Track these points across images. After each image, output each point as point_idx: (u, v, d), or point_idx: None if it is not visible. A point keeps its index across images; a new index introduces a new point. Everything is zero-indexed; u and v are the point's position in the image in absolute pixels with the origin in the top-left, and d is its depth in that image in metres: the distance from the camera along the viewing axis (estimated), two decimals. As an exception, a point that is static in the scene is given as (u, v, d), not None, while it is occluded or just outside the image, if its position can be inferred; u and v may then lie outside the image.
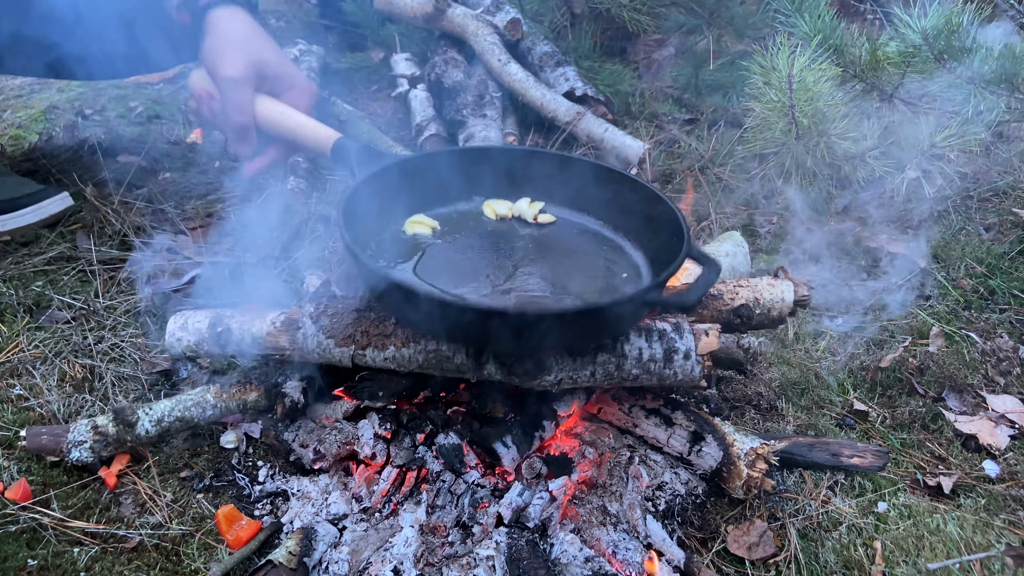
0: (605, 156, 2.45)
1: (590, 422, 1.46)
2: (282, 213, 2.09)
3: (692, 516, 1.35)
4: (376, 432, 1.36)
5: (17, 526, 1.23)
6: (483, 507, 1.27)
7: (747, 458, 1.33)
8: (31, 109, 2.79)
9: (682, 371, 1.30)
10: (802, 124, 1.69)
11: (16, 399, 1.47)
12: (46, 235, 1.97)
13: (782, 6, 1.99)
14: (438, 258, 1.38)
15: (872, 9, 2.80)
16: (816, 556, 1.28)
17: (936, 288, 1.98)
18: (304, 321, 1.31)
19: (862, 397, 1.64)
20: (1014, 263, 2.04)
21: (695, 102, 2.82)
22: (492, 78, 2.69)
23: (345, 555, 1.20)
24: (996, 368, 1.70)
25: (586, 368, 1.28)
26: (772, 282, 1.44)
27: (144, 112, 2.82)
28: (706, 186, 2.36)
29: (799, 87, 1.65)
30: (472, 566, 1.19)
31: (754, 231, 2.23)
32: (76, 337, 1.62)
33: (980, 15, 1.75)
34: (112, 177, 2.20)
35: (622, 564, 1.20)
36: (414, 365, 1.29)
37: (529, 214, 1.50)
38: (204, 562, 1.22)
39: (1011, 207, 2.24)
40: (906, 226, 2.23)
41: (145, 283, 1.80)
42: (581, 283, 1.35)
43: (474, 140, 2.35)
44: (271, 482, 1.38)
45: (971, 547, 1.29)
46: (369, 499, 1.30)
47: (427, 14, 2.84)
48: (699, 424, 1.39)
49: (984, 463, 1.48)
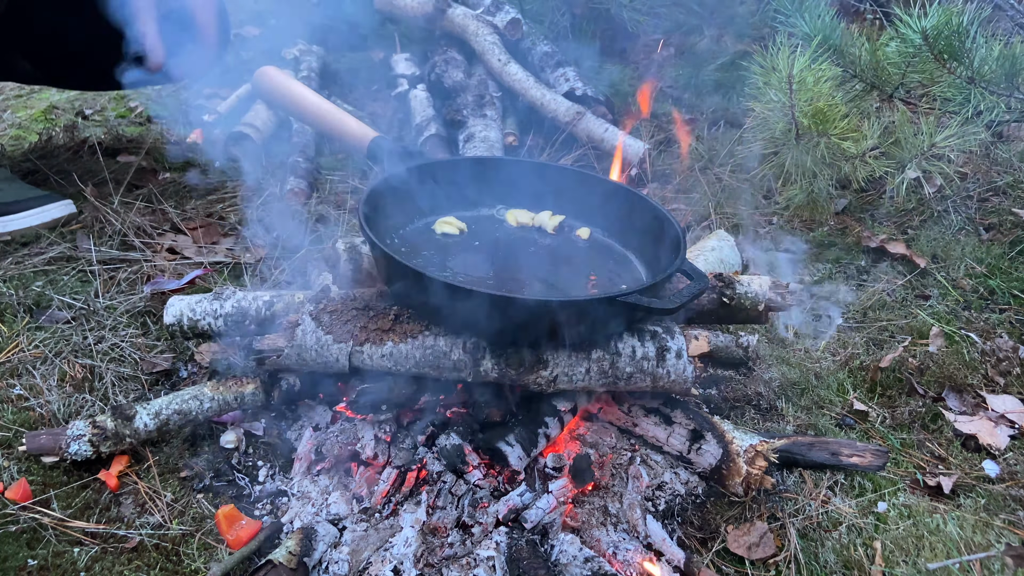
0: (605, 156, 2.45)
1: (590, 422, 1.46)
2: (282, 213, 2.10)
3: (692, 516, 1.35)
4: (376, 435, 1.36)
5: (17, 526, 1.23)
6: (483, 507, 1.28)
7: (746, 455, 1.33)
8: (31, 109, 2.79)
9: (675, 370, 1.31)
10: (802, 124, 1.69)
11: (16, 399, 1.47)
12: (46, 235, 1.97)
13: (782, 6, 1.99)
14: (451, 254, 1.44)
15: (872, 9, 2.80)
16: (816, 556, 1.28)
17: (936, 288, 1.98)
18: (304, 319, 1.32)
19: (862, 397, 1.64)
20: (1014, 263, 2.04)
21: (695, 102, 2.82)
22: (492, 78, 2.69)
23: (345, 555, 1.20)
24: (996, 368, 1.70)
25: (581, 365, 1.29)
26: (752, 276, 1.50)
27: (144, 112, 2.82)
28: (706, 186, 2.36)
29: (799, 87, 1.66)
30: (472, 566, 1.19)
31: (753, 231, 2.24)
32: (76, 337, 1.62)
33: (980, 15, 1.75)
34: (112, 177, 2.20)
35: (622, 564, 1.21)
36: (411, 363, 1.29)
37: (549, 225, 1.56)
38: (204, 562, 1.22)
39: (1011, 207, 2.24)
40: (906, 226, 2.23)
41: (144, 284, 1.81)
42: (580, 288, 1.39)
43: (474, 140, 2.35)
44: (271, 482, 1.38)
45: (971, 547, 1.29)
46: (369, 499, 1.31)
47: (427, 14, 2.85)
48: (698, 422, 1.39)
49: (984, 463, 1.48)
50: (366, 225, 1.27)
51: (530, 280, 1.39)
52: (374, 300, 1.35)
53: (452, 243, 1.47)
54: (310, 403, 1.49)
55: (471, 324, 1.25)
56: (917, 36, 1.78)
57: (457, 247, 1.46)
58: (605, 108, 2.57)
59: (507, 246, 1.49)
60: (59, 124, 2.62)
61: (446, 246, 1.46)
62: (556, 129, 2.53)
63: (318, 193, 2.29)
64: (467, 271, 1.38)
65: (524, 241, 1.51)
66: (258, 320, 1.47)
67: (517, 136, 2.54)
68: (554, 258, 1.47)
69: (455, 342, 1.29)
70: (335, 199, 2.28)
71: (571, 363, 1.29)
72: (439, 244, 1.46)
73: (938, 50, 1.78)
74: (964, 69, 1.79)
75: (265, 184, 2.25)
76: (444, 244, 1.46)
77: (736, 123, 2.57)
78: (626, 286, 1.40)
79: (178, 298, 1.49)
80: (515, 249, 1.48)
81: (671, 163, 2.50)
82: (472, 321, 1.23)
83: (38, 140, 2.46)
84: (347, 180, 2.39)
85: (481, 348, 1.29)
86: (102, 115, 2.79)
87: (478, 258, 1.44)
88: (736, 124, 2.56)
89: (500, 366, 1.28)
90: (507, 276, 1.40)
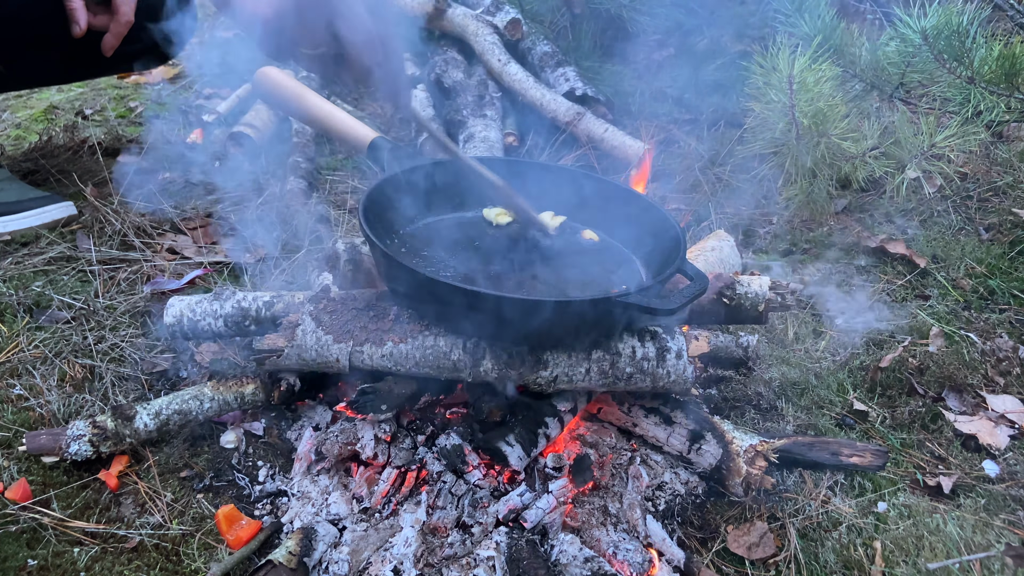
0: (605, 156, 2.45)
1: (590, 422, 1.46)
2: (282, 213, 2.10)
3: (692, 516, 1.35)
4: (376, 435, 1.36)
5: (17, 526, 1.23)
6: (483, 507, 1.28)
7: (746, 455, 1.33)
8: (31, 109, 2.79)
9: (675, 371, 1.31)
10: (802, 124, 1.69)
11: (16, 399, 1.47)
12: (46, 235, 1.97)
13: (782, 6, 1.99)
14: (451, 254, 1.43)
15: (872, 9, 2.80)
16: (816, 556, 1.28)
17: (936, 288, 1.98)
18: (304, 319, 1.32)
19: (862, 397, 1.64)
20: (1014, 263, 2.04)
21: (695, 102, 2.82)
22: (492, 78, 2.69)
23: (345, 555, 1.20)
24: (996, 368, 1.70)
25: (581, 365, 1.29)
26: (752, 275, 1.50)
27: (144, 112, 2.82)
28: (706, 186, 2.36)
29: (799, 87, 1.65)
30: (472, 566, 1.19)
31: (753, 231, 2.24)
32: (76, 337, 1.62)
33: (980, 15, 1.75)
34: (112, 177, 2.20)
35: (622, 564, 1.21)
36: (411, 363, 1.29)
37: (551, 226, 1.54)
38: (204, 562, 1.22)
39: (1011, 207, 2.24)
40: (906, 226, 2.23)
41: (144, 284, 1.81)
42: (579, 289, 1.38)
43: (474, 140, 2.35)
44: (271, 482, 1.38)
45: (971, 547, 1.29)
46: (369, 499, 1.31)
47: (427, 14, 2.85)
48: (699, 422, 1.40)
49: (984, 463, 1.48)
50: (366, 225, 1.27)
51: (530, 280, 1.39)
52: (374, 300, 1.36)
53: (452, 243, 1.47)
54: (310, 403, 1.50)
55: (471, 324, 1.25)
56: (917, 36, 1.77)
57: (458, 247, 1.45)
58: (605, 108, 2.57)
59: (508, 246, 1.49)
60: (59, 124, 2.62)
61: (446, 246, 1.45)
62: (556, 129, 2.53)
63: (318, 193, 2.29)
64: (467, 271, 1.38)
65: (525, 241, 1.51)
66: (258, 320, 1.47)
67: (517, 136, 2.54)
68: (555, 258, 1.47)
69: (455, 342, 1.29)
70: (335, 199, 2.28)
71: (571, 363, 1.29)
72: (439, 244, 1.46)
73: (938, 50, 1.78)
74: (964, 69, 1.79)
75: (265, 184, 2.25)
76: (444, 244, 1.46)
77: (736, 123, 2.57)
78: (626, 286, 1.40)
79: (178, 298, 1.49)
80: (516, 249, 1.48)
81: (671, 163, 2.50)
82: (472, 321, 1.23)
83: (38, 140, 2.46)
84: (347, 180, 2.39)
85: (481, 348, 1.29)
86: (102, 115, 2.79)
87: (479, 258, 1.44)
88: (736, 124, 2.56)
89: (500, 366, 1.28)
90: (507, 276, 1.40)
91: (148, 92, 2.95)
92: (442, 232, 1.51)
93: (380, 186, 1.41)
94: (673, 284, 1.40)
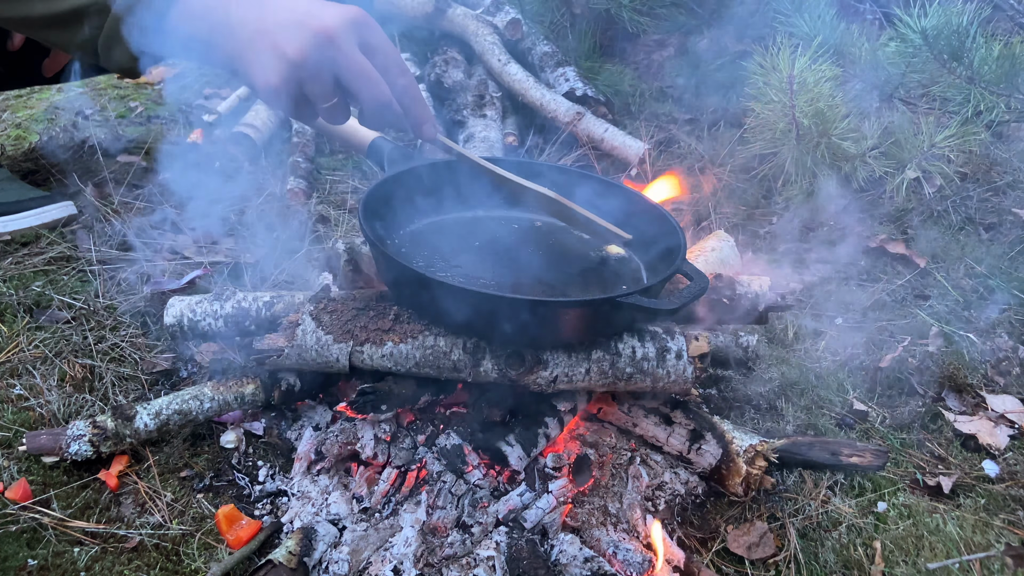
0: (605, 156, 2.45)
1: (590, 422, 1.46)
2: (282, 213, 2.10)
3: (692, 516, 1.35)
4: (376, 435, 1.36)
5: (17, 526, 1.23)
6: (483, 507, 1.28)
7: (746, 455, 1.33)
8: (31, 109, 2.79)
9: (675, 371, 1.31)
10: (802, 124, 1.69)
11: (16, 399, 1.47)
12: (46, 235, 1.97)
13: (782, 6, 1.99)
14: (451, 254, 1.43)
15: (872, 9, 2.80)
16: (816, 556, 1.28)
17: (936, 288, 1.98)
18: (304, 319, 1.32)
19: (862, 397, 1.64)
20: (1014, 263, 2.04)
21: (695, 102, 2.82)
22: (492, 78, 2.69)
23: (345, 555, 1.20)
24: (996, 368, 1.70)
25: (581, 365, 1.29)
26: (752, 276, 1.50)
27: (144, 112, 2.82)
28: (706, 186, 2.36)
29: (799, 87, 1.66)
30: (472, 566, 1.19)
31: (753, 231, 2.24)
32: (76, 337, 1.62)
33: (980, 15, 1.75)
34: (112, 177, 2.20)
35: (622, 564, 1.21)
36: (411, 363, 1.29)
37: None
38: (204, 562, 1.22)
39: (1011, 207, 2.24)
40: (906, 226, 2.23)
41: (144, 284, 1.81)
42: (579, 288, 1.38)
43: (474, 140, 2.35)
44: (271, 482, 1.38)
45: (971, 547, 1.29)
46: (369, 499, 1.31)
47: (427, 14, 2.85)
48: (698, 422, 1.40)
49: (984, 463, 1.48)
50: (366, 225, 1.27)
51: (531, 280, 1.39)
52: (374, 300, 1.35)
53: (453, 243, 1.46)
54: (310, 403, 1.50)
55: (470, 324, 1.25)
56: (917, 36, 1.78)
57: (458, 247, 1.45)
58: (605, 108, 2.57)
59: (509, 247, 1.49)
60: (59, 124, 2.62)
61: (447, 246, 1.45)
62: (556, 129, 2.53)
63: (318, 193, 2.29)
64: (468, 271, 1.38)
65: (525, 242, 1.51)
66: (258, 320, 1.48)
67: (517, 136, 2.54)
68: (555, 258, 1.47)
69: (455, 342, 1.29)
70: (335, 199, 2.28)
71: (571, 363, 1.29)
72: (439, 244, 1.46)
73: (938, 50, 1.78)
74: (964, 69, 1.79)
75: (265, 184, 2.25)
76: (445, 244, 1.46)
77: (736, 123, 2.57)
78: (626, 286, 1.40)
79: (178, 298, 1.49)
80: (516, 249, 1.48)
81: (671, 163, 2.50)
82: (471, 321, 1.23)
83: (38, 140, 2.46)
84: (347, 180, 2.39)
85: (481, 348, 1.29)
86: (102, 115, 2.79)
87: (479, 258, 1.43)
88: (736, 124, 2.56)
89: (500, 366, 1.28)
90: (508, 276, 1.40)
91: (148, 92, 2.95)
92: (443, 232, 1.51)
93: (380, 186, 1.42)
94: (673, 284, 1.40)
